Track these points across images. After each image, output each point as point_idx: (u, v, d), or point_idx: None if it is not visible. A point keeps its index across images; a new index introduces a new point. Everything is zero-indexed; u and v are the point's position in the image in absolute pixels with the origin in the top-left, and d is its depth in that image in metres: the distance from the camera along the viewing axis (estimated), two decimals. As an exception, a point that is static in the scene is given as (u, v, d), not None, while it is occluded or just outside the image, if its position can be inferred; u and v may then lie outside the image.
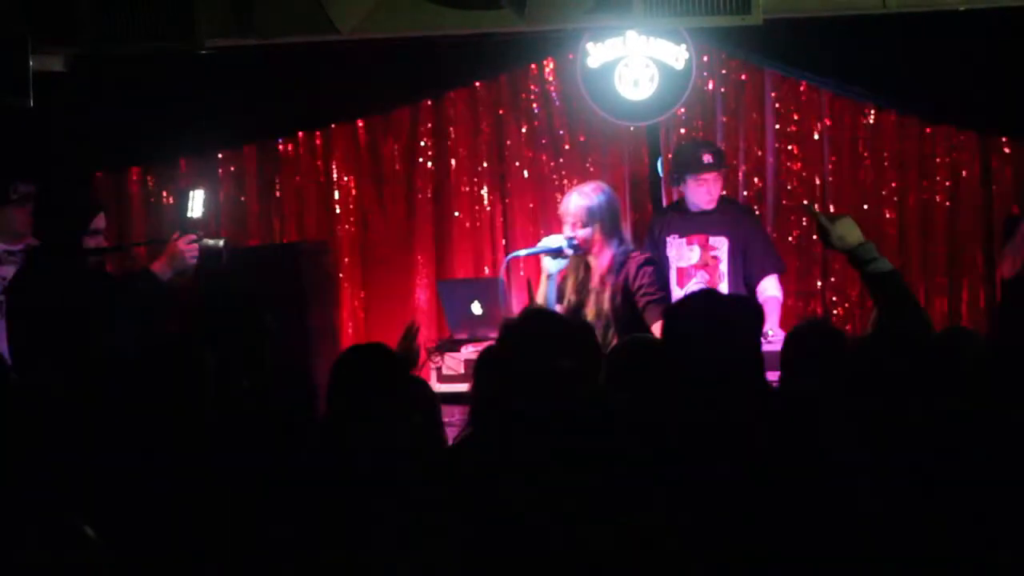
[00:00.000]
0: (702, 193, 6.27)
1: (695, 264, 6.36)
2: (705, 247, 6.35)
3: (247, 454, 3.46)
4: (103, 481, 3.25)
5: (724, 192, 6.47)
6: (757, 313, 3.60)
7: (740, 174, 7.00)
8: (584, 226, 5.58)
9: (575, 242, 5.57)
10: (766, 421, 2.97)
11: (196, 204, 5.37)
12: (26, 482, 3.32)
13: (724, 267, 6.32)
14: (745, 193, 6.99)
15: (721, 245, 6.33)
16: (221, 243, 5.35)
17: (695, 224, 6.35)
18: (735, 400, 3.18)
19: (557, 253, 5.58)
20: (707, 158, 6.23)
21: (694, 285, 6.30)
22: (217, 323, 4.48)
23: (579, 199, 5.64)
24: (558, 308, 5.53)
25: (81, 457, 3.36)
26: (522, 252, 6.03)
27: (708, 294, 3.75)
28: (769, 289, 6.29)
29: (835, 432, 2.98)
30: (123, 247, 6.58)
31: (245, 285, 6.03)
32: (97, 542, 2.27)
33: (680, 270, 6.38)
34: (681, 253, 6.38)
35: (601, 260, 5.61)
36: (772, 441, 2.90)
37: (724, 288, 6.29)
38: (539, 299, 5.62)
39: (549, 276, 5.62)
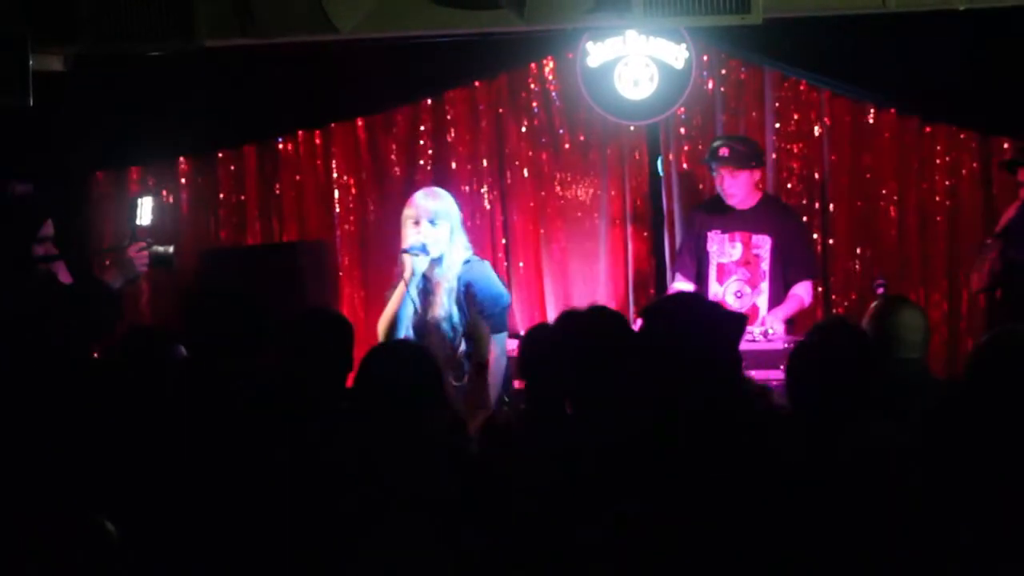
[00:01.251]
0: (718, 186, 6.33)
1: (736, 261, 6.35)
2: (748, 245, 6.34)
3: (246, 450, 3.46)
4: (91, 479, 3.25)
5: (763, 190, 6.50)
6: (735, 318, 3.63)
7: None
8: (435, 226, 5.44)
9: (427, 243, 5.42)
10: (739, 422, 2.99)
11: (144, 211, 5.38)
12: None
13: (765, 266, 6.31)
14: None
15: (764, 244, 6.31)
16: (171, 249, 5.36)
17: (739, 221, 6.35)
18: (709, 400, 3.20)
19: (421, 251, 5.42)
20: (723, 152, 6.28)
21: (734, 283, 6.31)
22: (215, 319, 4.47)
23: (430, 200, 5.49)
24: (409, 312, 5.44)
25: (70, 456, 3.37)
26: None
27: (686, 296, 3.77)
28: (798, 290, 6.32)
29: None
30: (71, 255, 6.47)
31: (244, 284, 6.03)
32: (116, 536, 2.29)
33: (720, 266, 6.38)
34: (723, 249, 6.37)
35: (449, 262, 5.47)
36: (746, 441, 2.91)
37: (764, 287, 6.30)
38: (395, 300, 5.47)
39: (412, 276, 5.45)
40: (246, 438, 3.52)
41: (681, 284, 6.48)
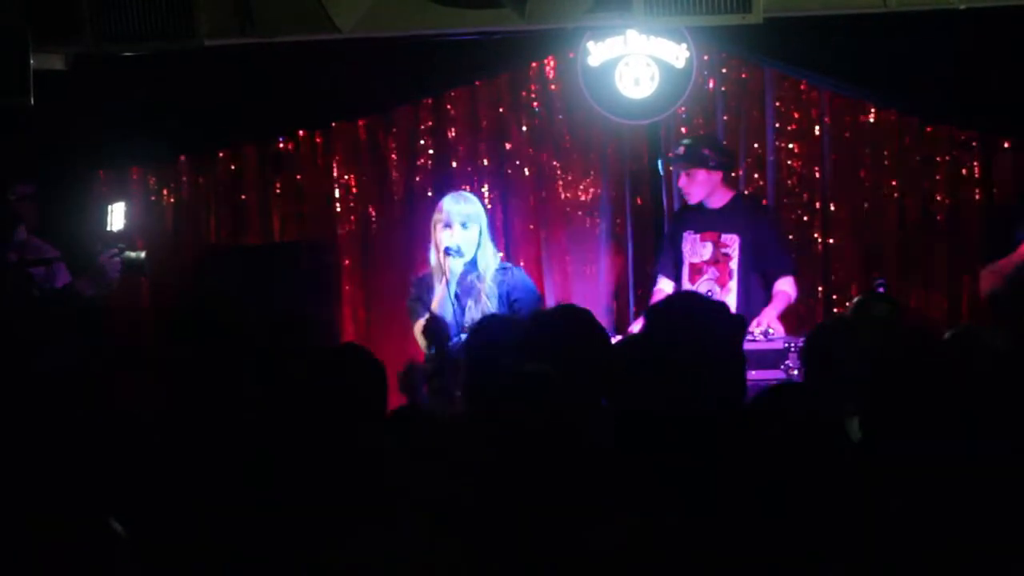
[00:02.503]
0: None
1: (707, 260, 6.40)
2: (717, 244, 6.37)
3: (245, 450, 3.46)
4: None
5: (735, 190, 6.57)
6: (736, 319, 3.64)
7: (741, 172, 7.01)
8: (466, 229, 5.68)
9: (461, 245, 5.67)
10: (740, 419, 2.98)
11: (116, 217, 5.40)
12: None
13: (734, 265, 6.36)
14: (745, 191, 6.99)
15: (732, 243, 6.36)
16: (143, 255, 5.38)
17: (708, 221, 6.41)
18: (712, 399, 3.20)
19: (456, 254, 5.66)
20: (679, 150, 6.42)
21: (705, 282, 6.35)
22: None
23: (459, 203, 5.74)
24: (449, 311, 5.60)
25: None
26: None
27: (690, 296, 3.76)
28: (781, 286, 6.34)
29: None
30: (47, 260, 6.46)
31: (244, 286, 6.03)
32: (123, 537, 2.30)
33: (692, 265, 6.43)
34: (694, 249, 6.43)
35: (483, 265, 5.71)
36: (746, 440, 2.90)
37: (733, 286, 6.34)
38: (435, 303, 5.63)
39: (452, 277, 5.68)
40: (252, 441, 3.53)
41: (663, 284, 6.52)
